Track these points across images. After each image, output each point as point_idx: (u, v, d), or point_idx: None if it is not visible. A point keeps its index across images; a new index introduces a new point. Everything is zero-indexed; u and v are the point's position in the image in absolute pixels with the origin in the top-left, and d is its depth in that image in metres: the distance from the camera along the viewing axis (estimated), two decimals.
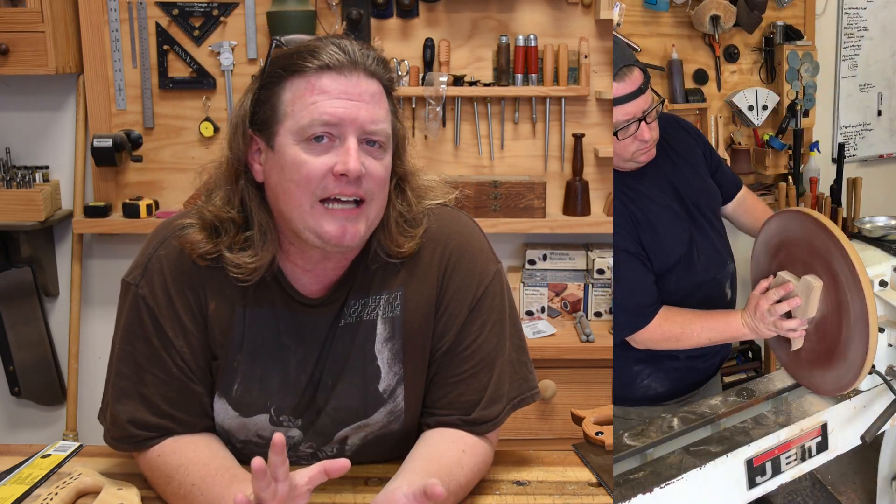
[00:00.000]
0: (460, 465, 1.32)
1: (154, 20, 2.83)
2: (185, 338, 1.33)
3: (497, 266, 1.43)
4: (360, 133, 1.25)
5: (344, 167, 1.22)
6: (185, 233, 1.33)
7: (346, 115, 1.24)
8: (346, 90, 1.25)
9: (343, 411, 1.37)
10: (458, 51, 2.88)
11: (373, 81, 1.28)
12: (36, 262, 2.93)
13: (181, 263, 1.34)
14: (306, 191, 1.24)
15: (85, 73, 2.85)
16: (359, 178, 1.24)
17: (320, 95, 1.24)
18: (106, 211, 2.85)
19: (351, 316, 1.37)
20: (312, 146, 1.24)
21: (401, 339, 1.37)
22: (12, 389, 3.00)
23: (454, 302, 1.38)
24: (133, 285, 1.35)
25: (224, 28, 2.85)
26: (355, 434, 1.40)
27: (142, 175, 2.92)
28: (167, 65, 2.85)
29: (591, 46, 2.85)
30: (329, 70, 1.25)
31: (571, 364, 2.73)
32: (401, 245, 1.36)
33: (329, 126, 1.23)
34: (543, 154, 2.94)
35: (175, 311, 1.33)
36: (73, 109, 2.92)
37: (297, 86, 1.26)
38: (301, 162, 1.24)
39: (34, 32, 2.69)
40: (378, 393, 1.38)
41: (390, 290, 1.38)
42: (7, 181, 2.83)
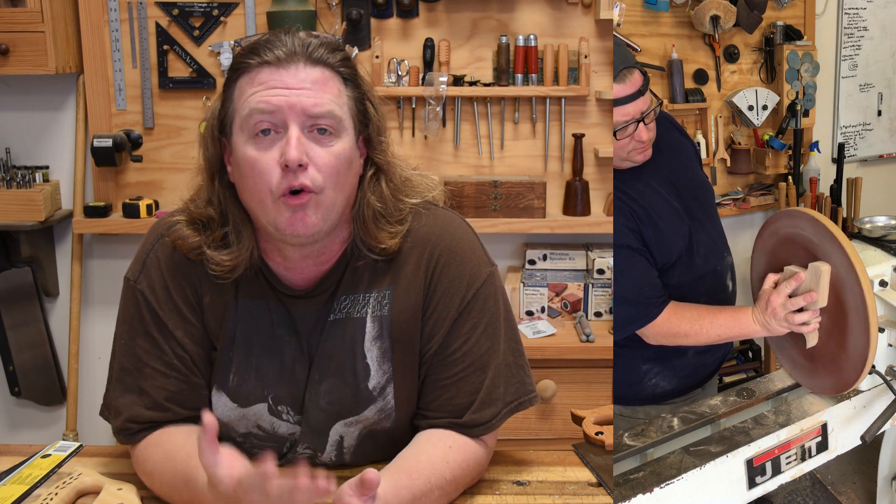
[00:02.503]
0: (445, 461, 1.31)
1: (154, 20, 2.83)
2: (185, 328, 1.35)
3: (490, 269, 1.42)
4: (304, 119, 1.25)
5: (284, 157, 1.23)
6: (175, 228, 1.36)
7: (283, 102, 1.24)
8: (282, 80, 1.25)
9: (336, 405, 1.38)
10: (458, 51, 2.88)
11: (316, 69, 1.27)
12: (36, 262, 2.93)
13: (177, 258, 1.36)
14: (264, 187, 1.25)
15: (85, 73, 2.85)
16: (303, 168, 1.24)
17: (259, 87, 1.26)
18: (106, 211, 2.85)
19: (341, 311, 1.37)
20: (260, 141, 1.25)
21: (389, 339, 1.38)
22: (12, 389, 3.00)
23: (442, 304, 1.38)
24: (132, 281, 1.38)
25: (224, 28, 2.85)
26: (349, 431, 1.40)
27: (142, 175, 2.92)
28: (167, 65, 2.85)
29: (591, 46, 2.85)
30: (268, 65, 1.26)
31: (571, 364, 2.73)
32: (379, 240, 1.35)
33: (267, 115, 1.24)
34: (543, 154, 2.94)
35: (174, 304, 1.35)
36: (73, 109, 2.92)
37: (242, 83, 1.28)
38: (252, 159, 1.25)
39: (34, 32, 2.68)
40: (368, 391, 1.38)
41: (380, 289, 1.38)
42: (7, 181, 2.83)
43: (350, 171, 1.31)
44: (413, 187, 1.42)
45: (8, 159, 2.87)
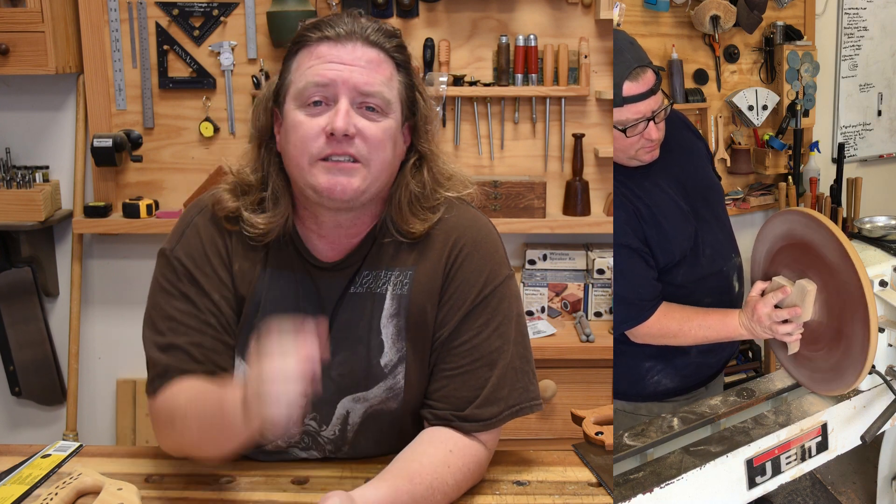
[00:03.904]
0: (446, 465, 1.32)
1: (154, 20, 2.83)
2: (221, 292, 1.39)
3: (509, 272, 1.45)
4: (354, 95, 1.31)
5: (332, 126, 1.28)
6: (215, 192, 1.42)
7: (337, 76, 1.30)
8: (339, 55, 1.32)
9: (347, 377, 1.39)
10: (458, 51, 2.88)
11: (372, 50, 1.33)
12: (36, 261, 2.93)
13: (215, 228, 1.41)
14: (304, 151, 1.30)
15: (85, 73, 2.85)
16: (349, 138, 1.29)
17: (316, 60, 1.32)
18: (106, 211, 2.85)
19: (362, 285, 1.40)
20: (310, 109, 1.31)
21: (405, 318, 1.39)
22: (12, 389, 3.00)
23: (458, 293, 1.40)
24: (170, 250, 1.41)
25: (224, 28, 2.85)
26: (355, 408, 1.41)
27: (142, 175, 2.92)
28: (167, 65, 2.85)
29: (591, 46, 2.85)
30: (328, 40, 1.33)
31: (571, 364, 2.73)
32: (411, 225, 1.39)
33: (321, 87, 1.30)
34: (543, 154, 2.94)
35: (213, 266, 1.39)
36: (73, 109, 2.92)
37: (301, 56, 1.35)
38: (298, 123, 1.31)
39: (34, 32, 2.69)
40: (380, 367, 1.39)
41: (402, 268, 1.40)
42: (7, 181, 2.83)
43: (394, 151, 1.36)
44: (451, 182, 1.46)
45: (8, 159, 2.87)
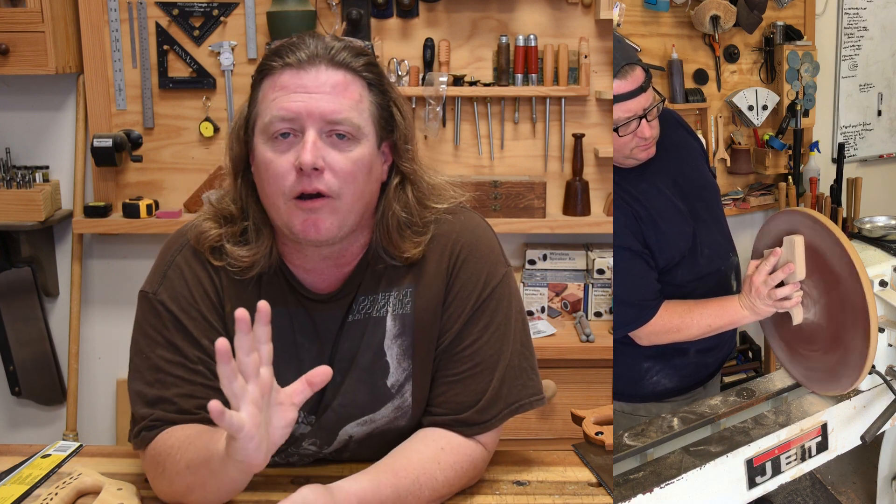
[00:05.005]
0: (436, 462, 1.31)
1: (154, 20, 2.83)
2: (211, 336, 1.32)
3: (507, 269, 1.43)
4: (322, 125, 1.25)
5: (299, 160, 1.23)
6: (196, 223, 1.37)
7: (302, 108, 1.24)
8: (303, 84, 1.25)
9: (350, 407, 1.38)
10: (458, 51, 2.88)
11: (338, 72, 1.27)
12: (36, 261, 2.93)
13: (198, 268, 1.36)
14: (277, 190, 1.26)
15: (85, 73, 2.85)
16: (319, 172, 1.24)
17: (279, 92, 1.26)
18: (106, 211, 2.85)
19: (360, 312, 1.37)
20: (278, 143, 1.26)
21: (411, 336, 1.38)
22: (12, 389, 3.00)
23: (459, 299, 1.38)
24: (152, 293, 1.35)
25: (224, 28, 2.85)
26: (360, 430, 1.40)
27: (142, 175, 2.92)
28: (167, 65, 2.85)
29: (591, 46, 2.85)
30: (290, 67, 1.27)
31: (571, 364, 2.73)
32: (403, 250, 1.35)
33: (287, 122, 1.25)
34: (543, 154, 2.94)
35: (200, 311, 1.34)
36: (73, 109, 2.92)
37: (265, 86, 1.29)
38: (268, 161, 1.26)
39: (34, 32, 2.68)
40: (386, 388, 1.38)
41: (400, 287, 1.38)
42: (7, 181, 2.83)
43: (370, 178, 1.31)
44: (440, 194, 1.41)
45: (8, 159, 2.87)
